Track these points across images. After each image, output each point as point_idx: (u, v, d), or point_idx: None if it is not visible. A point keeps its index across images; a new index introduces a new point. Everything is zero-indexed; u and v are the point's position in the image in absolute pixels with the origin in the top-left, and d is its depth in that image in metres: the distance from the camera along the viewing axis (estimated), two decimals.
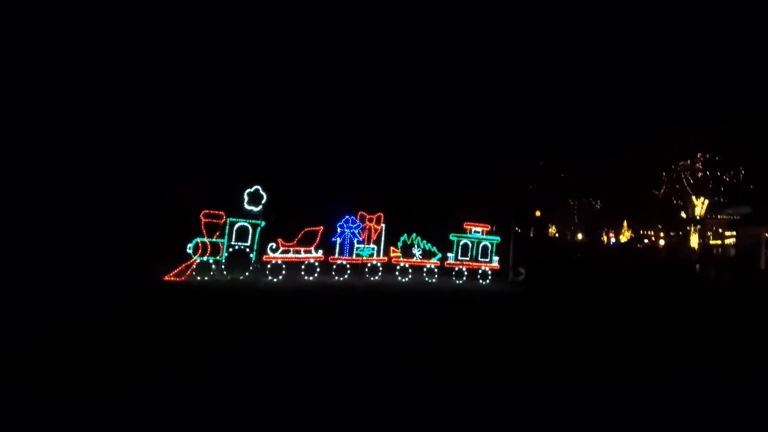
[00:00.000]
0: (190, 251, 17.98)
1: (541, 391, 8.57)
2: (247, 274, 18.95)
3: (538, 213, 28.58)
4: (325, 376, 8.40)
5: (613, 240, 65.39)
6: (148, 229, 20.98)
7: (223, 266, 18.55)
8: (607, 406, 8.04)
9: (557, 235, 54.96)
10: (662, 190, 57.69)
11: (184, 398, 7.21)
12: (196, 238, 18.06)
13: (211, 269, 18.32)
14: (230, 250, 18.65)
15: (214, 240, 18.34)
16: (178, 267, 17.81)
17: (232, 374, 8.34)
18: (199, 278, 18.09)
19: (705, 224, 57.22)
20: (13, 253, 17.35)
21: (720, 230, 56.03)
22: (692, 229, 57.84)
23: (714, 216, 57.49)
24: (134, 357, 8.84)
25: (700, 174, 56.35)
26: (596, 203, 59.04)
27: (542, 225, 54.10)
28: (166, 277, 17.50)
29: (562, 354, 11.14)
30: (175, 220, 19.55)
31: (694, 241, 55.99)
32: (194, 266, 18.03)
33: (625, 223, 67.43)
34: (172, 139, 23.70)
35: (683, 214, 58.38)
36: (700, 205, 57.72)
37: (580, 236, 63.13)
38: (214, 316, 12.91)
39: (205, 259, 18.20)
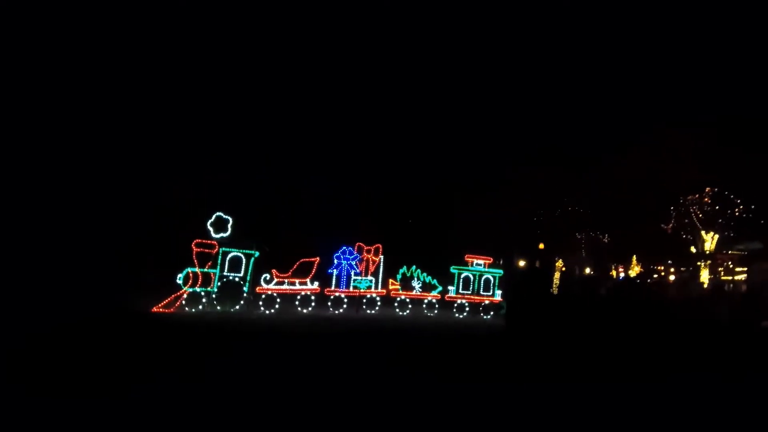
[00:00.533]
0: (180, 282, 17.48)
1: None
2: (239, 306, 18.40)
3: (541, 245, 27.73)
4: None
5: (622, 274, 64.29)
6: (137, 258, 20.50)
7: (214, 298, 18.02)
8: (607, 405, 8.37)
9: (564, 269, 53.99)
10: (671, 225, 56.91)
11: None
12: (187, 267, 17.59)
13: (201, 301, 17.79)
14: (222, 280, 18.15)
15: (205, 270, 17.85)
16: (167, 298, 17.29)
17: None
18: (189, 310, 17.54)
19: (715, 260, 56.27)
20: None
21: (731, 266, 55.10)
22: (702, 264, 56.90)
23: (725, 251, 56.58)
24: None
25: (708, 208, 55.53)
26: (604, 237, 58.10)
27: (549, 259, 53.30)
28: (155, 309, 16.96)
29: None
30: (168, 249, 19.10)
31: (705, 276, 55.01)
32: (184, 297, 17.50)
33: (634, 258, 66.46)
34: (166, 157, 23.28)
35: (693, 249, 57.47)
36: (710, 240, 56.85)
37: (588, 270, 62.16)
38: (201, 347, 12.38)
39: (195, 290, 17.68)
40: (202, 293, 17.76)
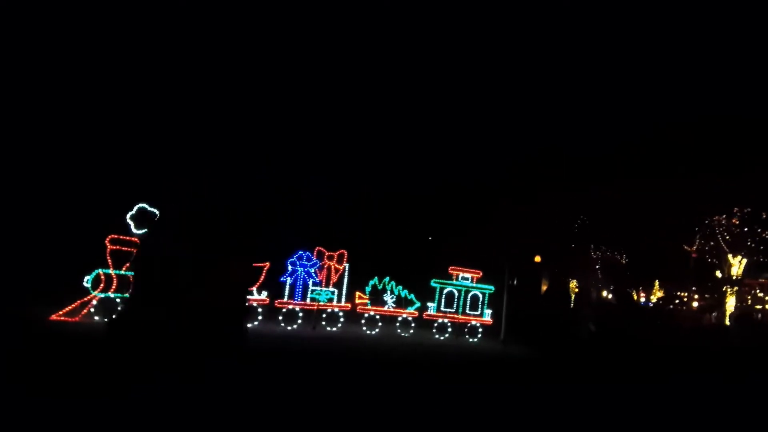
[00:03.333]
0: (88, 285, 14.52)
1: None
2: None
3: (538, 258, 24.31)
4: None
5: (643, 299, 60.47)
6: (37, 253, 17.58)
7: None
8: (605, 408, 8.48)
9: (577, 289, 50.26)
10: (695, 247, 52.94)
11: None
12: (97, 269, 14.61)
13: (116, 308, 14.79)
14: None
15: (122, 272, 14.85)
16: (72, 303, 14.33)
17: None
18: (99, 319, 14.54)
19: (743, 286, 52.18)
20: None
21: (760, 294, 51.02)
22: (729, 291, 52.74)
23: (755, 278, 52.49)
24: None
25: (736, 230, 51.42)
26: (621, 257, 54.13)
27: (562, 278, 49.60)
28: (54, 316, 14.01)
29: None
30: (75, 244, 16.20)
31: (731, 304, 50.91)
32: (93, 304, 14.52)
33: (656, 283, 62.61)
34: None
35: (719, 274, 53.33)
36: (738, 265, 52.69)
37: (605, 294, 58.29)
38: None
39: (109, 295, 14.68)
40: (118, 299, 14.75)
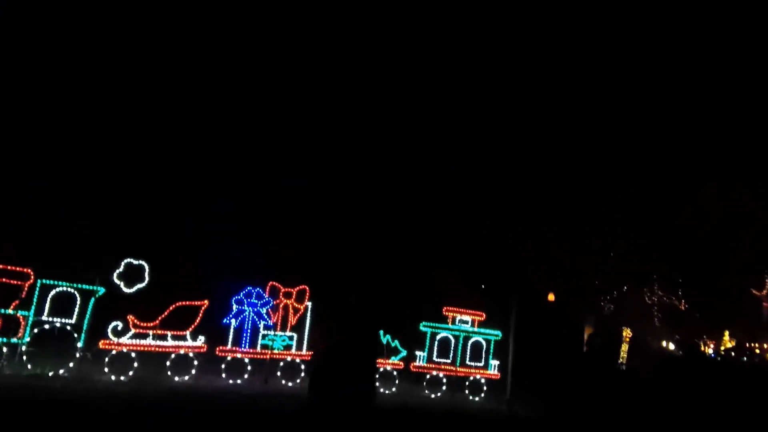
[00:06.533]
0: None
1: None
2: (67, 367, 12.42)
3: (551, 296, 20.40)
4: None
5: (711, 352, 54.70)
6: None
7: (23, 353, 12.14)
8: None
9: (629, 339, 45.13)
10: (765, 291, 47.81)
11: None
12: None
13: (1, 357, 11.96)
14: (39, 328, 12.28)
15: (9, 312, 12.06)
16: None
17: None
18: None
19: None
20: None
21: None
22: None
23: None
24: None
25: None
26: (681, 303, 48.94)
27: (611, 324, 44.65)
28: None
29: None
30: None
31: None
32: None
33: (726, 334, 56.97)
34: None
35: None
36: None
37: (665, 344, 52.71)
38: None
39: None
40: (2, 345, 11.93)
